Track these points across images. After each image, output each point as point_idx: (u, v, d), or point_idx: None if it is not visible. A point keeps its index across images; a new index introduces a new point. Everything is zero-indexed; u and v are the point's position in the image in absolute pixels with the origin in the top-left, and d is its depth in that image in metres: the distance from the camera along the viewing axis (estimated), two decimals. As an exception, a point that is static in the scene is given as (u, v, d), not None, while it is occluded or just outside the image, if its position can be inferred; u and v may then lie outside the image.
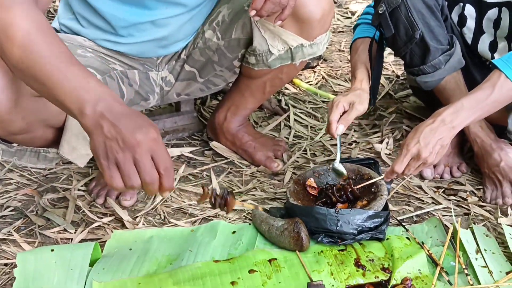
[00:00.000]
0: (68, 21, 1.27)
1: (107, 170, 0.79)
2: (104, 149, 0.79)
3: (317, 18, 1.22)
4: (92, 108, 0.79)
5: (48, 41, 0.85)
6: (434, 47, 1.31)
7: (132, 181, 0.78)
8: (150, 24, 1.25)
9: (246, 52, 1.32)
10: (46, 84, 0.83)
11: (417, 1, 1.27)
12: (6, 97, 0.96)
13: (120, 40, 1.27)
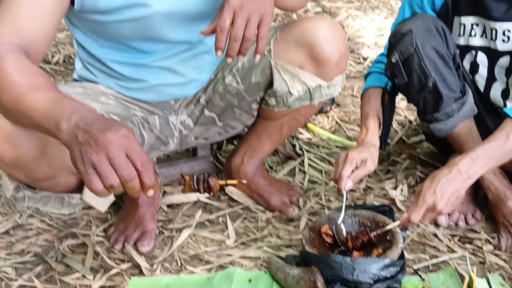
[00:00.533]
0: (82, 71, 1.33)
1: (85, 175, 0.79)
2: (80, 155, 0.80)
3: (334, 60, 1.26)
4: (67, 122, 0.82)
5: (26, 78, 0.91)
6: (447, 95, 1.34)
7: (110, 179, 0.78)
8: (156, 67, 1.29)
9: (265, 95, 1.36)
10: (26, 113, 0.88)
11: (429, 51, 1.31)
12: (33, 145, 1.00)
13: (132, 85, 1.31)
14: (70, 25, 1.24)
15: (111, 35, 1.22)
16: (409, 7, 1.46)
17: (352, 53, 2.56)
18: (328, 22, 1.27)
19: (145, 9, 1.16)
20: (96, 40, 1.24)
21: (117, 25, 1.18)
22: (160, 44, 1.26)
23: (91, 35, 1.24)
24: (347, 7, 3.22)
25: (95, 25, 1.19)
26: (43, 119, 0.86)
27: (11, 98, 0.90)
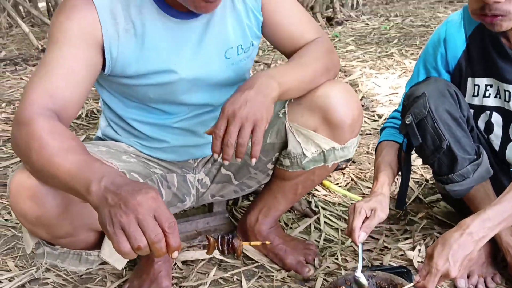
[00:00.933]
0: (107, 129, 1.37)
1: (113, 236, 0.82)
2: (109, 216, 0.82)
3: (348, 123, 1.27)
4: (97, 185, 0.86)
5: (57, 140, 0.96)
6: (462, 157, 1.34)
7: (138, 241, 0.81)
8: (177, 128, 1.33)
9: (280, 155, 1.38)
10: (56, 175, 0.92)
11: (442, 113, 1.32)
12: (57, 203, 1.02)
13: (154, 145, 1.34)
14: (98, 85, 1.29)
15: (137, 97, 1.26)
16: (424, 68, 1.50)
17: (366, 110, 2.60)
18: (342, 87, 1.28)
19: (172, 76, 1.21)
20: (122, 100, 1.29)
21: (144, 88, 1.22)
22: (183, 107, 1.29)
23: (117, 96, 1.28)
24: (362, 65, 3.30)
25: (122, 87, 1.24)
26: (74, 181, 0.89)
27: (42, 159, 0.94)
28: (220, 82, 1.28)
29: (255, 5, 1.26)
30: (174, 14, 1.17)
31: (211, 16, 1.22)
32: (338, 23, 4.68)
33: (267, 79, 1.14)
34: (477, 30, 1.38)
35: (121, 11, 1.13)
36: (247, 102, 1.08)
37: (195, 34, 1.21)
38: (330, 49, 1.31)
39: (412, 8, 5.47)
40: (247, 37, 1.27)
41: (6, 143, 2.45)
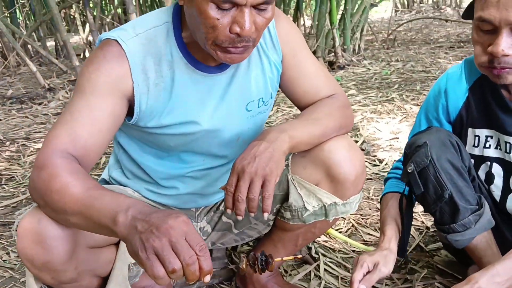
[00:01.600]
0: (115, 172, 1.38)
1: (147, 261, 0.82)
2: (141, 243, 0.83)
3: (351, 180, 1.27)
4: (124, 215, 0.87)
5: (79, 179, 0.97)
6: (463, 207, 1.34)
7: (173, 264, 0.81)
8: (189, 177, 1.34)
9: (281, 207, 1.38)
10: (81, 212, 0.93)
11: (444, 163, 1.32)
12: (63, 249, 1.03)
13: (162, 191, 1.35)
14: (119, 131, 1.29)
15: (157, 144, 1.27)
16: (425, 119, 1.51)
17: (367, 155, 2.61)
18: (346, 143, 1.28)
19: (194, 127, 1.22)
20: (139, 145, 1.29)
21: (165, 137, 1.23)
22: (199, 157, 1.30)
23: (135, 140, 1.29)
24: (363, 110, 3.34)
25: (143, 134, 1.24)
26: (100, 214, 0.90)
27: (64, 198, 0.95)
28: (239, 134, 1.30)
29: (276, 58, 1.29)
30: (201, 68, 1.19)
31: (236, 70, 1.24)
32: (340, 68, 4.76)
33: (277, 133, 1.15)
34: (477, 82, 1.40)
35: (153, 66, 1.14)
36: (256, 157, 1.10)
37: (219, 87, 1.23)
38: (344, 106, 1.32)
39: (413, 53, 5.57)
40: (268, 90, 1.30)
41: (9, 181, 2.47)
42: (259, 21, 1.07)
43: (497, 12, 1.15)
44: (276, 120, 3.28)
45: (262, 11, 1.06)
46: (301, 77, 1.31)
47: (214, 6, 1.02)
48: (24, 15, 6.76)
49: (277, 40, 1.27)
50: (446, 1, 10.44)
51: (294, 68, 1.30)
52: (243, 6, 1.02)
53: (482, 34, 1.22)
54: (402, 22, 7.70)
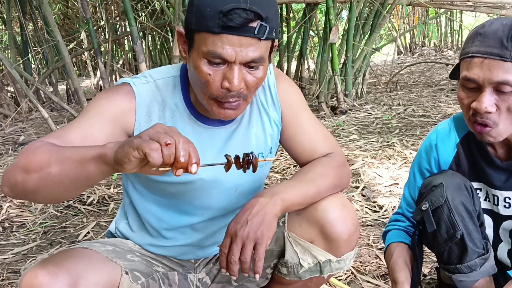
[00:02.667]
0: (122, 224, 1.44)
1: (141, 143, 0.88)
2: (136, 138, 0.90)
3: (344, 238, 1.30)
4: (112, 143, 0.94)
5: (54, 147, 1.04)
6: (472, 249, 1.37)
7: (168, 139, 0.88)
8: (189, 228, 1.39)
9: (278, 263, 1.41)
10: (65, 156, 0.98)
11: (458, 204, 1.36)
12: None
13: (163, 243, 1.40)
14: (124, 177, 1.38)
15: (158, 190, 1.33)
16: (419, 172, 1.57)
17: (367, 201, 2.67)
18: (339, 202, 1.30)
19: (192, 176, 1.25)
20: (143, 194, 1.36)
21: (166, 184, 1.30)
22: (200, 207, 1.36)
23: (139, 188, 1.36)
24: (364, 155, 3.41)
25: (146, 179, 1.32)
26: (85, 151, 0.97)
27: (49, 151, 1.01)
28: (237, 186, 1.36)
29: (276, 116, 1.37)
30: (203, 120, 1.27)
31: (238, 125, 1.31)
32: (342, 113, 4.87)
33: (270, 196, 1.21)
34: (465, 138, 1.48)
35: (157, 111, 1.24)
36: (248, 221, 1.16)
37: (220, 140, 1.30)
38: (340, 165, 1.36)
39: (415, 97, 5.69)
40: (267, 145, 1.37)
41: (20, 228, 2.54)
42: (249, 79, 1.14)
43: (480, 72, 1.24)
44: (279, 165, 3.36)
45: (252, 69, 1.13)
46: (300, 135, 1.38)
47: (206, 62, 1.11)
48: (38, 62, 7.00)
49: (277, 99, 1.36)
50: (447, 44, 10.67)
51: (293, 126, 1.38)
52: (232, 63, 1.10)
53: (467, 92, 1.31)
54: (404, 66, 7.87)
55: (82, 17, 6.63)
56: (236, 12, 1.06)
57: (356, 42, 5.34)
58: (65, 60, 4.46)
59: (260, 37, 1.09)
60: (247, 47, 1.09)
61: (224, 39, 1.08)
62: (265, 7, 1.09)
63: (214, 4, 1.06)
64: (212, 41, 1.08)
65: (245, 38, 1.08)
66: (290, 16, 6.82)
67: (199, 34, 1.11)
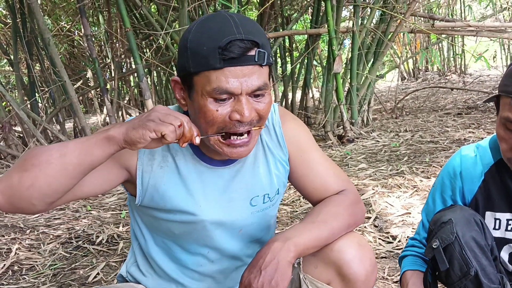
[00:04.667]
0: (132, 268, 1.42)
1: (145, 128, 1.05)
2: (138, 123, 1.06)
3: (362, 280, 1.26)
4: (116, 124, 1.09)
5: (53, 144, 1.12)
6: (487, 285, 1.33)
7: (168, 121, 1.04)
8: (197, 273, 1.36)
9: None
10: (70, 146, 1.07)
11: (469, 240, 1.33)
12: None
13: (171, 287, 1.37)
14: (132, 217, 1.37)
15: (162, 231, 1.32)
16: (441, 199, 1.53)
17: (380, 232, 2.62)
18: (356, 242, 1.27)
19: (193, 217, 1.27)
20: (147, 236, 1.35)
21: (169, 223, 1.29)
22: (205, 250, 1.33)
23: (144, 230, 1.35)
24: (374, 184, 3.38)
25: (150, 219, 1.31)
26: (90, 138, 1.08)
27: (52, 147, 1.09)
28: (241, 227, 1.33)
29: (282, 156, 1.34)
30: (206, 160, 1.26)
31: (242, 165, 1.29)
32: (349, 141, 4.85)
33: (282, 242, 1.18)
34: (495, 167, 1.44)
35: (160, 151, 1.25)
36: (262, 271, 1.13)
37: (223, 180, 1.28)
38: (353, 202, 1.33)
39: (421, 122, 5.68)
40: (274, 186, 1.34)
41: (29, 271, 2.51)
42: (259, 107, 1.15)
43: None
44: (289, 197, 3.34)
45: (259, 97, 1.14)
46: (310, 175, 1.35)
47: (212, 100, 1.11)
48: (45, 101, 7.08)
49: (283, 139, 1.33)
50: (450, 68, 10.73)
51: (302, 166, 1.35)
52: (239, 95, 1.11)
53: (509, 133, 1.28)
54: (409, 91, 7.89)
55: (88, 56, 6.74)
56: (234, 44, 1.07)
57: (359, 70, 5.38)
58: (72, 99, 4.51)
59: (261, 63, 1.11)
60: (251, 76, 1.10)
61: (227, 73, 1.08)
62: (258, 35, 1.11)
63: (210, 42, 1.08)
64: (215, 78, 1.09)
65: (247, 67, 1.09)
66: (293, 47, 6.90)
67: (200, 76, 1.11)
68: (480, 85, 8.39)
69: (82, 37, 7.15)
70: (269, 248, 1.17)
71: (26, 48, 5.51)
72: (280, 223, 2.89)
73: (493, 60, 10.82)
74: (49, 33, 4.52)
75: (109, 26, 6.36)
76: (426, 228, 1.56)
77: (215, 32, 1.09)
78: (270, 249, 1.17)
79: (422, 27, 5.74)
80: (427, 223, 1.56)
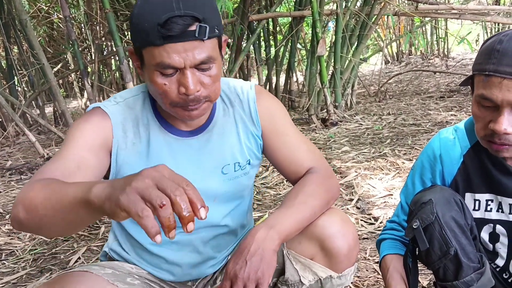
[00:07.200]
0: (113, 244, 1.42)
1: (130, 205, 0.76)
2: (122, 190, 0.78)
3: (344, 253, 1.29)
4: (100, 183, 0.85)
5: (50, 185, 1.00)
6: (467, 264, 1.35)
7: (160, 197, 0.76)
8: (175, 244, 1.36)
9: (278, 281, 1.39)
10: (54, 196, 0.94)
11: (449, 220, 1.34)
12: None
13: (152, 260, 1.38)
14: None
15: None
16: (420, 181, 1.53)
17: (362, 213, 2.64)
18: (339, 217, 1.31)
19: None
20: None
21: None
22: None
23: None
24: (357, 166, 3.39)
25: None
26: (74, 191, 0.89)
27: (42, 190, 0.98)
28: (217, 196, 1.34)
29: (255, 130, 1.37)
30: (174, 131, 1.29)
31: (210, 135, 1.33)
32: (332, 124, 4.86)
33: (266, 231, 1.19)
34: (473, 149, 1.43)
35: (131, 128, 1.27)
36: (247, 261, 1.14)
37: (192, 150, 1.31)
38: (327, 177, 1.35)
39: (404, 105, 5.70)
40: (244, 156, 1.36)
41: (9, 256, 2.48)
42: (204, 80, 1.16)
43: (499, 93, 1.20)
44: (272, 180, 3.33)
45: (205, 70, 1.15)
46: (282, 148, 1.38)
47: (159, 74, 1.14)
48: (24, 85, 6.94)
49: (256, 114, 1.36)
50: (434, 51, 10.77)
51: (276, 139, 1.38)
52: (183, 69, 1.12)
53: (484, 110, 1.26)
54: (392, 75, 7.91)
55: (67, 38, 6.60)
56: (172, 21, 1.07)
57: (343, 53, 5.36)
58: (51, 82, 4.42)
59: (202, 38, 1.11)
60: (193, 51, 1.11)
61: (168, 49, 1.09)
62: (200, 8, 1.10)
63: (151, 18, 1.08)
64: (158, 53, 1.10)
65: (188, 42, 1.10)
66: (277, 30, 6.85)
67: (145, 50, 1.13)
68: (462, 69, 8.44)
69: (61, 19, 7.00)
70: (253, 238, 1.18)
71: (3, 30, 5.37)
72: (263, 206, 2.89)
73: (476, 43, 10.89)
74: (27, 15, 4.41)
75: (88, 7, 6.23)
76: (405, 211, 1.56)
77: (156, 7, 1.09)
78: (254, 239, 1.17)
79: (406, 10, 5.73)
80: (406, 206, 1.56)
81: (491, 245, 1.46)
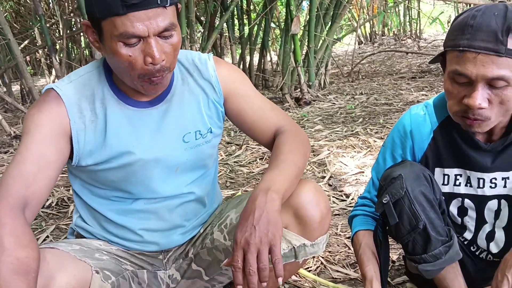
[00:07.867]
0: (78, 220, 1.41)
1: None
2: None
3: (317, 221, 1.32)
4: None
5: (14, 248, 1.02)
6: (435, 237, 1.38)
7: None
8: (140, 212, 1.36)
9: None
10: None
11: (418, 194, 1.36)
12: None
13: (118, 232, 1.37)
14: (71, 176, 1.36)
15: (101, 182, 1.32)
16: (391, 157, 1.54)
17: (334, 190, 2.66)
18: (312, 187, 1.34)
19: (130, 157, 1.28)
20: (89, 189, 1.35)
21: (106, 172, 1.30)
22: (145, 189, 1.33)
23: (85, 185, 1.35)
24: (329, 145, 3.41)
25: (90, 174, 1.31)
26: None
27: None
28: (180, 165, 1.34)
29: (215, 97, 1.37)
30: (132, 103, 1.28)
31: (169, 105, 1.32)
32: (306, 103, 4.86)
33: (263, 195, 1.18)
34: (443, 125, 1.45)
35: (87, 106, 1.25)
36: (255, 226, 1.13)
37: (153, 120, 1.30)
38: (297, 132, 1.39)
39: (376, 85, 5.75)
40: (205, 124, 1.36)
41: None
42: (167, 49, 1.16)
43: (474, 68, 1.19)
44: (246, 158, 3.32)
45: (167, 38, 1.15)
46: (247, 109, 1.40)
47: (122, 44, 1.12)
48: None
49: (217, 80, 1.36)
50: (406, 33, 10.85)
51: (240, 102, 1.39)
52: (147, 38, 1.12)
53: (457, 86, 1.26)
54: (365, 55, 7.95)
55: (34, 14, 6.39)
56: None
57: (317, 32, 5.34)
58: (17, 59, 4.28)
59: (164, 4, 1.11)
60: (156, 18, 1.11)
61: (132, 17, 1.09)
62: None
63: None
64: (121, 23, 1.09)
65: (151, 10, 1.10)
66: (251, 8, 6.77)
67: (106, 21, 1.11)
68: (434, 50, 8.54)
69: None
70: (254, 204, 1.17)
71: (-34, 4, 5.16)
72: (236, 184, 2.88)
73: (447, 24, 11.01)
74: (-10, -13, 4.23)
75: (56, -18, 6.02)
76: (376, 186, 1.57)
77: None
78: (255, 205, 1.17)
79: (379, -10, 5.73)
80: (377, 182, 1.57)
81: (460, 218, 1.49)
